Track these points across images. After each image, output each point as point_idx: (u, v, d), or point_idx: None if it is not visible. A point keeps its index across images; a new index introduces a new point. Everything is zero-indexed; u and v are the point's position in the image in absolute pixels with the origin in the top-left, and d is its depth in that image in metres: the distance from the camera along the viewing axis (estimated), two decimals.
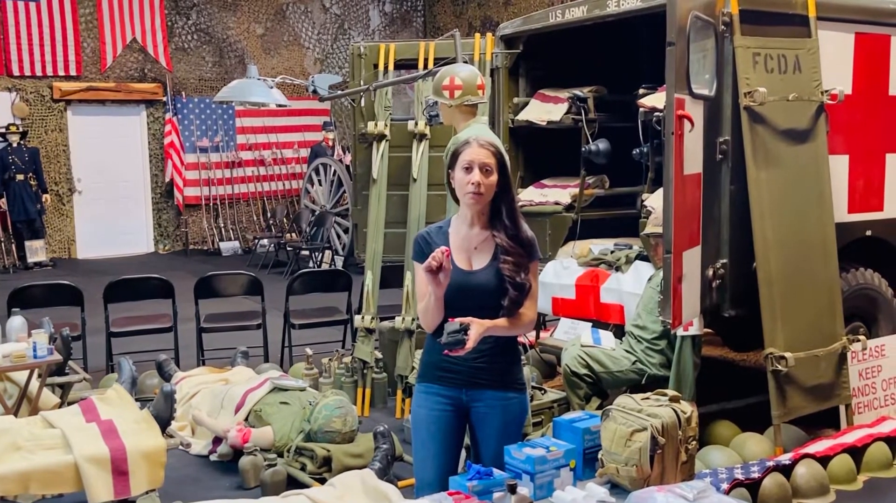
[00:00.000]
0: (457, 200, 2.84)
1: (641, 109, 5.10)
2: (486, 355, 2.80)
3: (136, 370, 5.33)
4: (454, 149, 2.83)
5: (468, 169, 2.74)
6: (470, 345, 2.63)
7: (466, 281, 2.77)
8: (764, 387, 4.34)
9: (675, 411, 2.79)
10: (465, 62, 5.23)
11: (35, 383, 4.63)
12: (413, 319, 5.26)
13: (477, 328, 2.66)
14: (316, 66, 14.43)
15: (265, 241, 12.22)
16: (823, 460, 4.17)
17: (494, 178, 2.76)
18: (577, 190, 5.75)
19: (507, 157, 2.90)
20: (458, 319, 2.66)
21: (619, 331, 5.02)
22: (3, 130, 11.49)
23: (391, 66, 5.88)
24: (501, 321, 2.77)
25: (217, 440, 4.75)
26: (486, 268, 2.79)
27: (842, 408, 4.63)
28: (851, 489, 4.18)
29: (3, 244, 11.69)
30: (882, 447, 4.40)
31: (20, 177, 11.41)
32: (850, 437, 4.41)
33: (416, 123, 5.57)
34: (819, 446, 4.29)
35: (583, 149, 5.51)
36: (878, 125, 5.07)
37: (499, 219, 2.82)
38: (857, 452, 4.33)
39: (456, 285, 2.73)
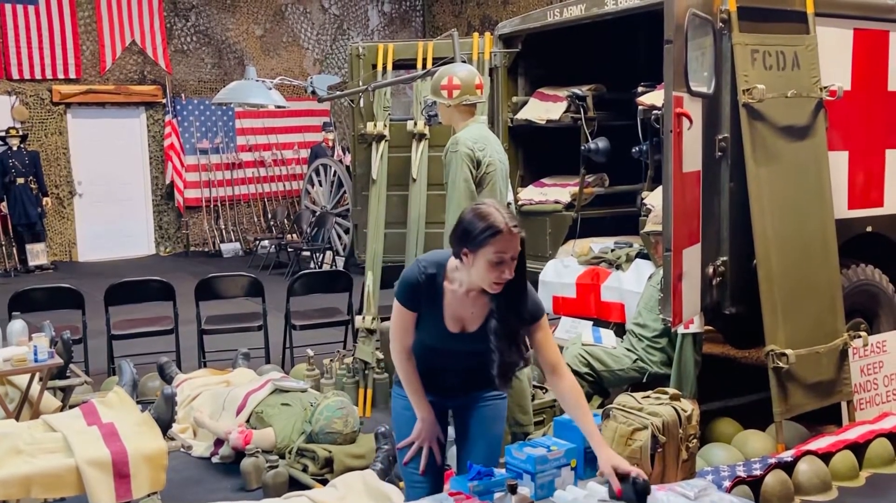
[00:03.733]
0: (459, 257, 2.50)
1: (640, 107, 5.10)
2: (476, 373, 2.71)
3: (136, 373, 5.33)
4: (480, 230, 2.40)
5: (500, 262, 2.40)
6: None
7: (455, 345, 2.60)
8: (765, 384, 4.34)
9: (676, 409, 2.80)
10: (464, 62, 5.22)
11: (36, 387, 4.63)
12: None
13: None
14: (315, 67, 14.43)
15: (266, 243, 12.22)
16: (825, 457, 4.16)
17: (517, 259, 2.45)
18: (576, 188, 5.75)
19: (499, 161, 2.81)
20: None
21: (620, 330, 5.03)
22: (3, 134, 11.48)
23: (390, 67, 5.88)
24: (596, 431, 2.54)
25: (219, 442, 4.75)
26: (478, 332, 2.56)
27: (843, 405, 4.62)
28: (854, 485, 4.17)
29: (3, 247, 11.68)
30: (884, 443, 4.40)
31: (21, 180, 11.39)
32: (852, 434, 4.40)
33: (416, 123, 5.56)
34: (821, 443, 4.28)
35: (582, 147, 5.51)
36: (877, 121, 5.07)
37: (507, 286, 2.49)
38: (859, 449, 4.32)
39: (443, 347, 2.61)
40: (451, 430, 2.93)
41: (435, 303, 2.57)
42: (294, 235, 12.46)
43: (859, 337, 4.62)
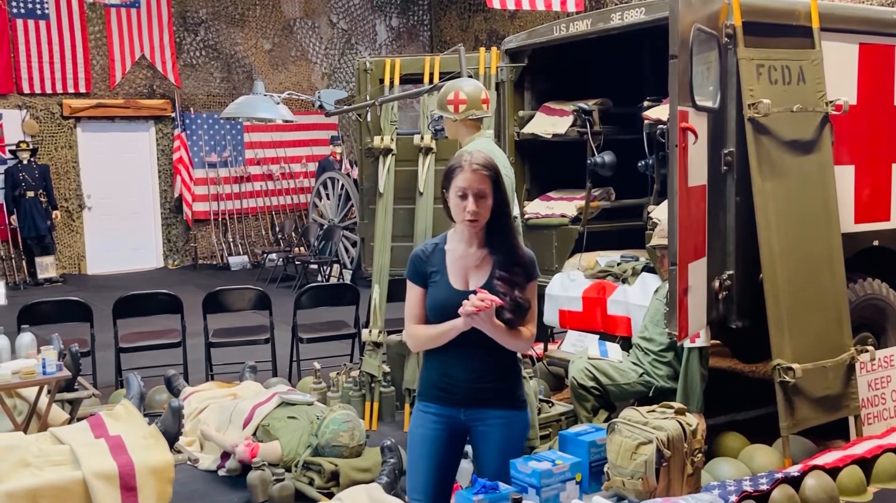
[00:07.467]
0: (451, 218, 2.81)
1: (646, 121, 5.12)
2: (487, 374, 2.77)
3: (144, 385, 5.35)
4: (447, 169, 2.79)
5: (462, 196, 2.71)
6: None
7: (461, 300, 2.68)
8: (772, 398, 4.33)
9: (681, 423, 2.79)
10: (470, 76, 5.26)
11: (44, 399, 4.65)
12: None
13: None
14: (323, 81, 14.51)
15: (274, 256, 12.25)
16: (833, 472, 4.14)
17: (489, 201, 2.73)
18: (583, 202, 5.76)
19: (505, 175, 2.88)
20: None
21: (627, 344, 5.02)
22: (14, 148, 11.57)
23: (397, 81, 5.92)
24: (503, 327, 2.72)
25: (225, 455, 4.76)
26: (483, 288, 2.72)
27: (851, 420, 4.61)
28: (861, 501, 4.15)
29: (13, 260, 11.76)
30: (892, 458, 4.37)
31: (31, 193, 11.48)
32: (860, 449, 4.39)
33: (422, 137, 5.59)
34: (828, 458, 4.27)
35: (588, 161, 5.52)
36: (883, 135, 5.07)
37: (496, 238, 2.79)
38: (866, 464, 4.30)
39: (451, 305, 2.69)
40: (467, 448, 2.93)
41: (441, 267, 2.80)
42: (301, 248, 12.50)
43: (866, 351, 4.61)
